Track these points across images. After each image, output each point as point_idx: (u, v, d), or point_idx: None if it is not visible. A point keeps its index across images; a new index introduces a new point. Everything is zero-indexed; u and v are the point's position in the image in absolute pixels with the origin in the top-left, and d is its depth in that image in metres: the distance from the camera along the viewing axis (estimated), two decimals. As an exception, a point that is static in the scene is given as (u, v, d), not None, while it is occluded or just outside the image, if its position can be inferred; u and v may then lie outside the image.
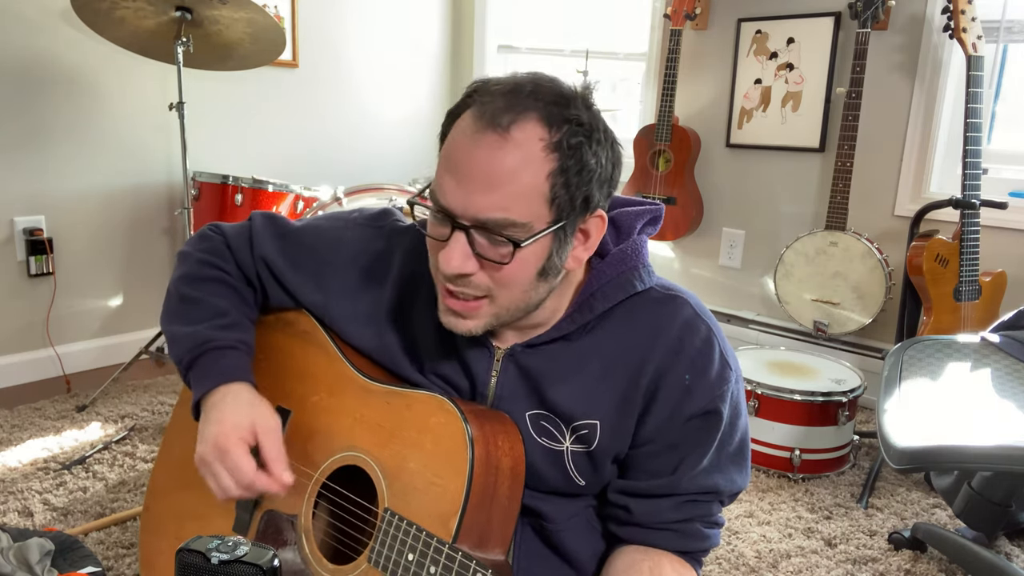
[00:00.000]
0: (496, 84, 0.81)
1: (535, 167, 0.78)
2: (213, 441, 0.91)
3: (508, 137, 0.77)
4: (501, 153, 0.77)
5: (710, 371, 0.90)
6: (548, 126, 0.78)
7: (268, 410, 0.97)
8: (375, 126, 3.45)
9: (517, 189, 0.78)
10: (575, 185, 0.80)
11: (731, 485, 0.94)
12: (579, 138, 0.79)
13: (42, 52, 2.44)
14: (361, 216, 1.07)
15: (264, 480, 0.92)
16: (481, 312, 0.86)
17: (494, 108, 0.78)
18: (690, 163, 3.01)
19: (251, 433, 0.93)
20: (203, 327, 1.01)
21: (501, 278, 0.83)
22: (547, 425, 0.93)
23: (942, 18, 2.31)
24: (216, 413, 0.94)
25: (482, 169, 0.78)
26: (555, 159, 0.78)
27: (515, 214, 0.79)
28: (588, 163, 0.80)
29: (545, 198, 0.79)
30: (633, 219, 0.96)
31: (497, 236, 0.79)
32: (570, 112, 0.79)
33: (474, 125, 0.79)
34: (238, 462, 0.90)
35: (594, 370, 0.91)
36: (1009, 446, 1.29)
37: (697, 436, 0.91)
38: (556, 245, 0.83)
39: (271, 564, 0.71)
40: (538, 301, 0.88)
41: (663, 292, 0.94)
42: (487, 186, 0.78)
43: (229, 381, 0.97)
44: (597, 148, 0.81)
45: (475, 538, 0.85)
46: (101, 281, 2.70)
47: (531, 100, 0.79)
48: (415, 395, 0.93)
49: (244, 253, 1.08)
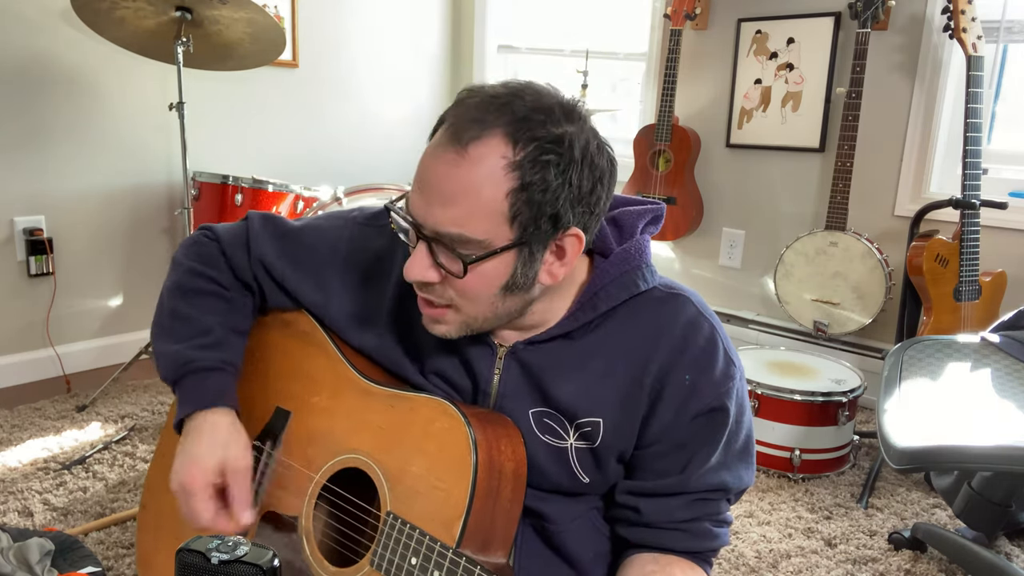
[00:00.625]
0: (475, 95, 0.81)
1: (493, 186, 0.78)
2: (180, 480, 0.93)
3: (465, 155, 0.77)
4: (457, 170, 0.78)
5: (714, 369, 0.90)
6: (513, 143, 0.77)
7: (241, 449, 0.96)
8: (375, 126, 3.45)
9: (473, 207, 0.78)
10: (539, 204, 0.79)
11: (739, 482, 0.95)
12: (548, 156, 0.78)
13: (42, 52, 2.44)
14: (361, 215, 1.07)
15: (223, 522, 0.94)
16: (448, 318, 0.88)
17: (461, 123, 0.79)
18: (690, 163, 3.01)
19: (218, 473, 0.94)
20: (186, 347, 1.01)
21: (460, 291, 0.84)
22: (551, 422, 0.93)
23: (942, 18, 2.31)
24: (191, 444, 0.95)
25: (439, 184, 0.79)
26: (516, 178, 0.78)
27: (471, 231, 0.79)
28: (552, 183, 0.79)
29: (504, 217, 0.79)
30: (635, 219, 0.96)
31: (451, 251, 0.81)
32: (542, 129, 0.78)
33: (441, 137, 0.80)
34: (197, 507, 0.93)
35: (597, 368, 0.91)
36: (1009, 446, 1.29)
37: (704, 434, 0.91)
38: (521, 263, 0.83)
39: (271, 564, 0.71)
40: (511, 312, 0.88)
41: (666, 291, 0.94)
42: (444, 201, 0.79)
43: (209, 407, 0.97)
44: (569, 167, 0.79)
45: (478, 542, 0.85)
46: (101, 281, 2.70)
47: (500, 115, 0.78)
48: (418, 398, 0.93)
49: (240, 257, 1.07)
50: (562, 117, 0.80)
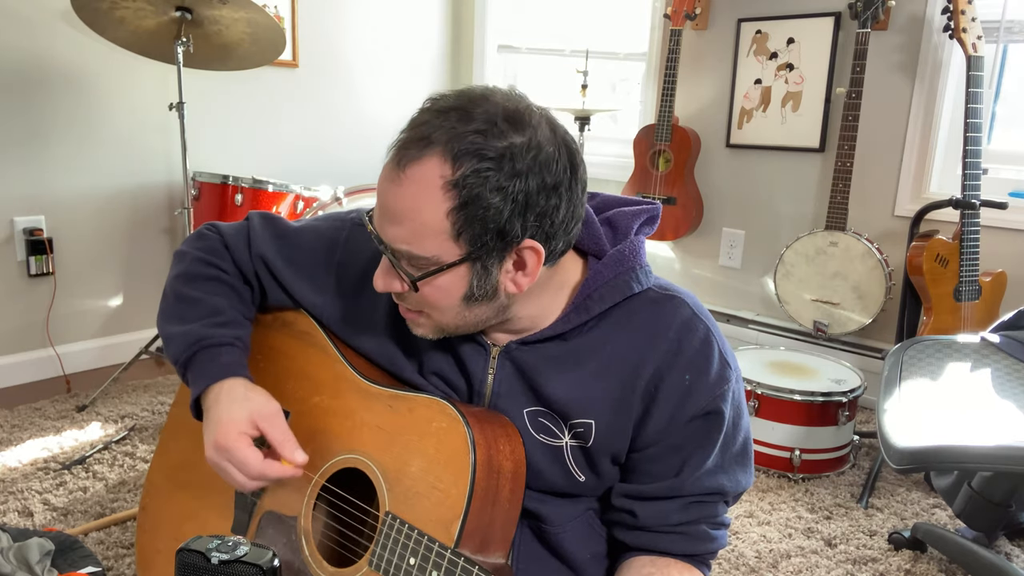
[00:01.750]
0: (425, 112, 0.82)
1: (432, 206, 0.79)
2: (215, 442, 0.92)
3: (404, 177, 0.79)
4: (399, 191, 0.80)
5: (710, 371, 0.89)
6: (452, 161, 0.77)
7: (264, 397, 0.97)
8: (375, 126, 3.45)
9: (416, 226, 0.80)
10: (482, 220, 0.79)
11: (736, 485, 0.94)
12: (487, 173, 0.77)
13: (42, 52, 2.44)
14: (358, 216, 1.07)
15: (275, 466, 0.92)
16: (421, 322, 0.90)
17: (404, 142, 0.81)
18: (690, 163, 3.01)
19: (250, 424, 0.93)
20: (197, 325, 1.01)
21: (423, 301, 0.86)
22: (545, 422, 0.93)
23: (942, 18, 2.31)
24: (214, 414, 0.95)
25: (387, 203, 0.82)
26: (453, 197, 0.78)
27: (417, 248, 0.81)
28: (490, 199, 0.78)
29: (448, 235, 0.80)
30: (630, 219, 0.95)
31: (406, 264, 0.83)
32: (484, 144, 0.77)
33: (388, 158, 0.82)
34: (242, 456, 0.91)
35: (590, 369, 0.91)
36: (1009, 446, 1.29)
37: (699, 437, 0.91)
38: (475, 276, 0.83)
39: (271, 564, 0.71)
40: (485, 318, 0.89)
41: (660, 292, 0.93)
42: (392, 219, 0.82)
43: (223, 378, 0.98)
44: (511, 181, 0.78)
45: (477, 542, 0.85)
46: (101, 281, 2.70)
47: (441, 132, 0.78)
48: (417, 398, 0.93)
49: (242, 252, 1.08)
50: (508, 128, 0.78)
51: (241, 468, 0.91)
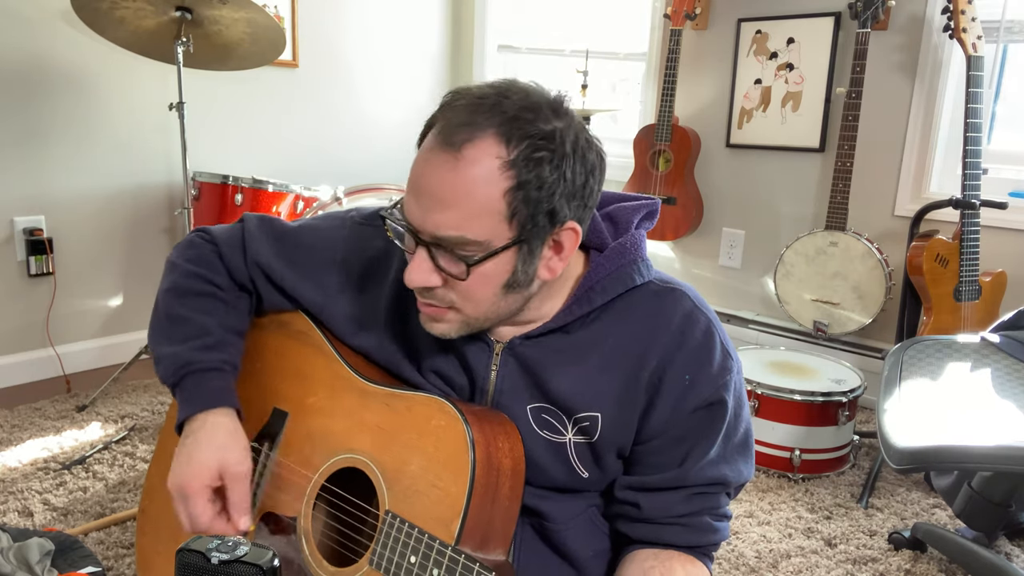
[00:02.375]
0: (462, 97, 0.81)
1: (490, 186, 0.78)
2: (179, 482, 0.93)
3: (460, 157, 0.77)
4: (453, 173, 0.77)
5: (712, 362, 0.90)
6: (506, 142, 0.77)
7: (240, 452, 0.95)
8: (375, 126, 3.45)
9: (471, 209, 0.78)
10: (536, 201, 0.79)
11: (738, 476, 0.95)
12: (541, 153, 0.78)
13: (42, 52, 2.44)
14: (359, 215, 1.07)
15: (220, 525, 0.93)
16: (448, 318, 0.87)
17: (451, 125, 0.78)
18: (690, 163, 3.01)
19: (216, 476, 0.93)
20: (185, 348, 1.00)
21: (462, 292, 0.84)
22: (549, 418, 0.93)
23: (942, 18, 2.31)
24: (190, 446, 0.94)
25: (435, 188, 0.78)
26: (512, 176, 0.78)
27: (470, 233, 0.79)
28: (548, 179, 0.79)
29: (503, 216, 0.79)
30: (630, 214, 0.96)
31: (452, 254, 0.80)
32: (533, 126, 0.78)
33: (432, 142, 0.80)
34: (196, 510, 0.92)
35: (594, 362, 0.91)
36: (1009, 446, 1.29)
37: (703, 427, 0.91)
38: (521, 260, 0.83)
39: (271, 564, 0.71)
40: (511, 310, 0.88)
41: (662, 285, 0.94)
42: (441, 205, 0.78)
43: (210, 407, 0.97)
44: (562, 162, 0.80)
45: (477, 540, 0.86)
46: (101, 281, 2.70)
47: (491, 115, 0.78)
48: (415, 397, 0.93)
49: (236, 259, 1.07)
50: (551, 114, 0.80)
51: (190, 519, 0.93)
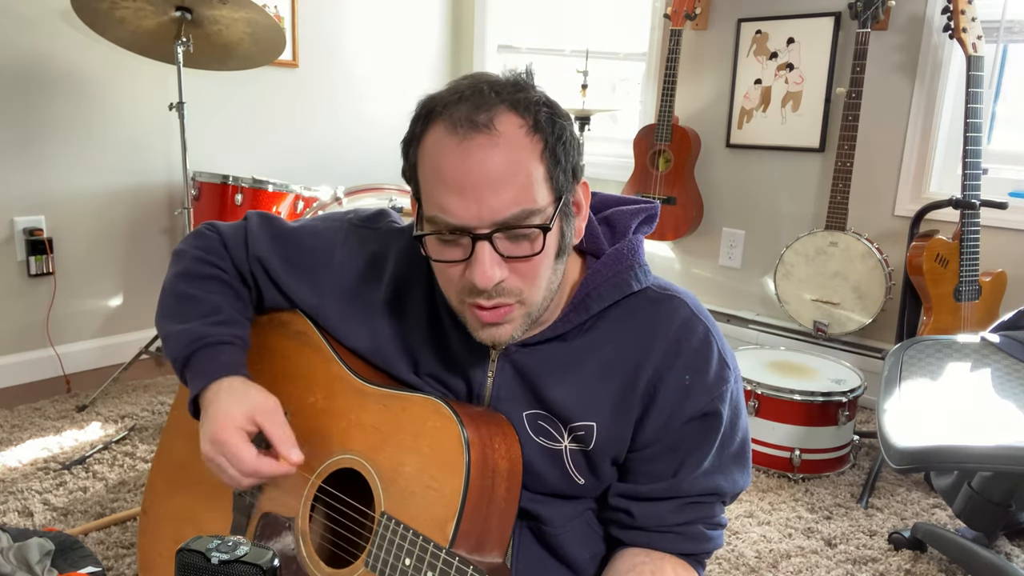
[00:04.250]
0: (450, 95, 0.81)
1: (527, 152, 0.78)
2: (211, 436, 0.91)
3: (495, 132, 0.77)
4: (496, 150, 0.77)
5: (708, 372, 0.89)
6: (520, 113, 0.79)
7: (262, 394, 0.96)
8: (375, 126, 3.45)
9: (522, 178, 0.78)
10: (564, 159, 0.81)
11: (733, 486, 0.94)
12: (549, 115, 0.81)
13: (42, 52, 2.44)
14: (357, 217, 1.07)
15: (270, 463, 0.91)
16: (515, 314, 0.84)
17: (466, 112, 0.78)
18: (690, 163, 3.01)
19: (248, 420, 0.93)
20: (197, 323, 1.01)
21: (530, 272, 0.82)
22: (545, 425, 0.93)
23: (942, 18, 2.30)
24: (213, 410, 0.94)
25: (484, 172, 0.77)
26: (540, 140, 0.79)
27: (530, 203, 0.78)
28: (565, 135, 0.82)
29: (545, 178, 0.80)
30: (628, 218, 0.95)
31: (522, 231, 0.79)
32: (530, 96, 0.80)
33: (455, 135, 0.78)
34: (236, 451, 0.90)
35: (591, 371, 0.91)
36: (1009, 446, 1.29)
37: (697, 438, 0.90)
38: (564, 221, 0.84)
39: (271, 564, 0.71)
40: (554, 289, 0.87)
41: (660, 292, 0.93)
42: (496, 187, 0.77)
43: (222, 376, 0.97)
44: (565, 121, 0.83)
45: (472, 542, 0.85)
46: (101, 281, 2.70)
47: (493, 95, 0.79)
48: (411, 398, 0.93)
49: (239, 252, 1.08)
50: (531, 86, 0.83)
51: (235, 463, 0.91)
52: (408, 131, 0.84)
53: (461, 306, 0.85)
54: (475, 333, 0.86)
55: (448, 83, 0.83)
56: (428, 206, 0.81)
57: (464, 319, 0.87)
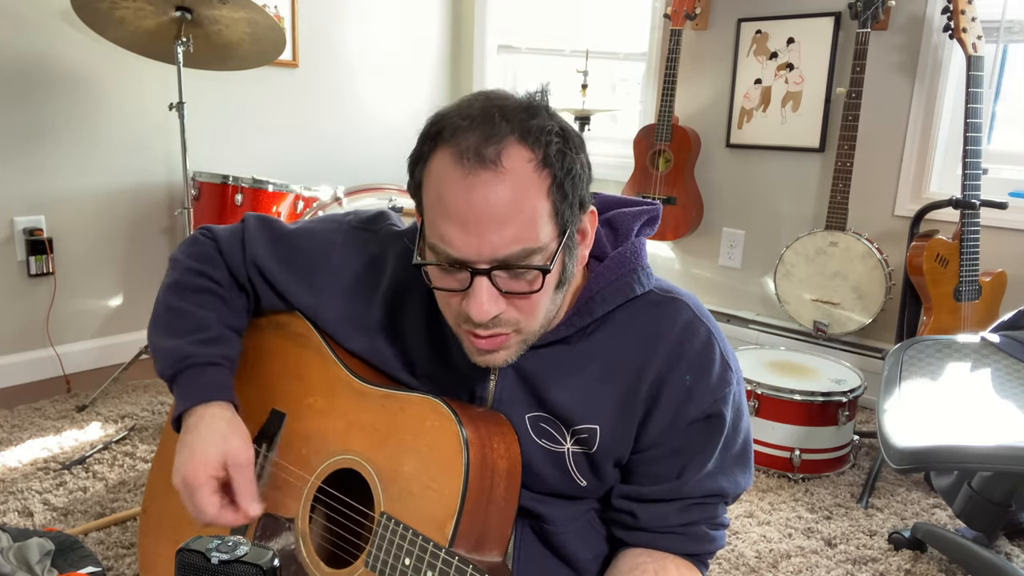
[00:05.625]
0: (461, 118, 0.78)
1: (534, 189, 0.76)
2: (183, 475, 0.92)
3: (501, 169, 0.75)
4: (501, 188, 0.75)
5: (711, 374, 0.89)
6: (530, 145, 0.76)
7: (240, 440, 0.95)
8: (375, 126, 3.45)
9: (526, 216, 0.76)
10: (571, 193, 0.79)
11: (736, 487, 0.94)
12: (559, 146, 0.78)
13: (42, 52, 2.44)
14: (355, 219, 1.06)
15: (228, 516, 0.92)
16: (510, 342, 0.84)
17: (473, 143, 0.75)
18: (690, 163, 3.01)
19: (221, 466, 0.93)
20: (184, 342, 1.00)
21: (528, 307, 0.81)
22: (547, 427, 0.93)
23: (942, 18, 2.30)
24: (190, 440, 0.94)
25: (487, 209, 0.75)
26: (548, 175, 0.77)
27: (532, 241, 0.77)
28: (575, 168, 0.79)
29: (550, 215, 0.78)
30: (631, 220, 0.95)
31: (520, 269, 0.78)
32: (542, 123, 0.77)
33: (461, 167, 0.75)
34: (202, 503, 0.91)
35: (593, 374, 0.90)
36: (1009, 446, 1.29)
37: (700, 440, 0.91)
38: (567, 254, 0.82)
39: (271, 564, 0.71)
40: (554, 314, 0.87)
41: (662, 295, 0.93)
42: (498, 224, 0.75)
43: (208, 400, 0.97)
44: (577, 151, 0.80)
45: (472, 541, 0.85)
46: (101, 281, 2.70)
47: (504, 124, 0.76)
48: (410, 398, 0.93)
49: (236, 257, 1.08)
50: (543, 111, 0.80)
51: (197, 511, 0.91)
52: (416, 148, 0.82)
53: (458, 329, 0.85)
54: (471, 356, 0.87)
55: (460, 99, 0.81)
56: (430, 232, 0.80)
57: (461, 341, 0.87)
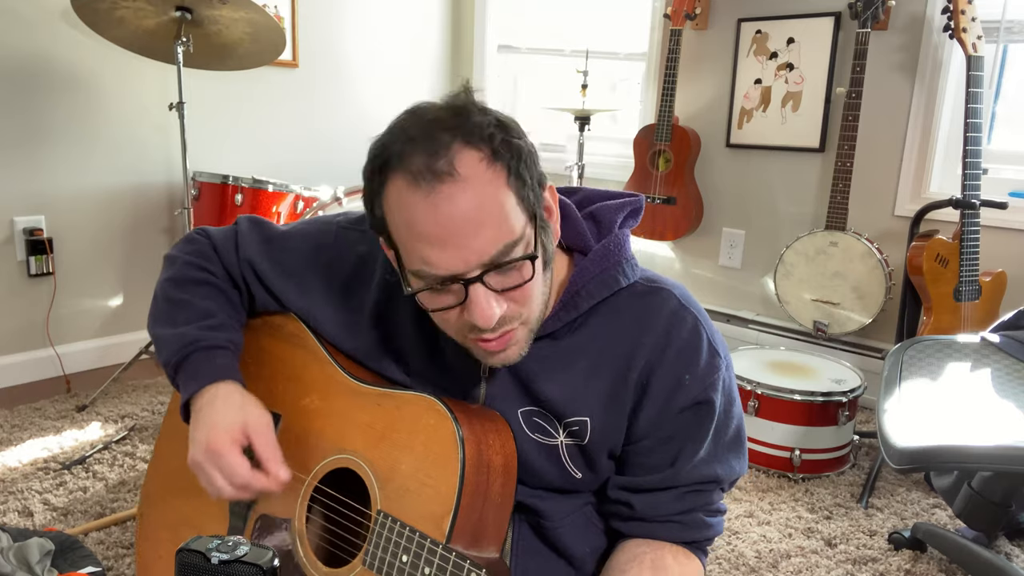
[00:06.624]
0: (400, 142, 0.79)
1: (494, 185, 0.77)
2: (205, 444, 0.91)
3: (459, 176, 0.75)
4: (464, 196, 0.75)
5: (699, 361, 0.90)
6: (473, 145, 0.77)
7: (258, 409, 0.96)
8: (375, 126, 3.37)
9: (496, 214, 0.77)
10: (528, 176, 0.80)
11: (730, 472, 0.94)
12: (501, 137, 0.78)
13: (42, 52, 2.44)
14: (346, 219, 1.07)
15: (260, 479, 0.91)
16: (517, 337, 0.84)
17: (423, 162, 0.76)
18: (690, 163, 3.01)
19: (243, 434, 0.93)
20: (190, 328, 1.01)
21: (524, 297, 0.82)
22: (540, 421, 0.93)
23: (942, 18, 2.30)
24: (206, 415, 0.94)
25: (459, 219, 0.76)
26: (502, 167, 0.78)
27: (509, 236, 0.78)
28: (523, 152, 0.80)
29: (516, 204, 0.79)
30: (613, 213, 0.95)
31: (510, 264, 0.79)
32: (475, 123, 0.78)
33: (418, 188, 0.76)
34: (232, 464, 0.90)
35: (582, 367, 0.91)
36: (1009, 446, 1.29)
37: (691, 427, 0.91)
38: (544, 234, 0.83)
39: (271, 564, 0.71)
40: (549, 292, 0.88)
41: (647, 285, 0.94)
42: (474, 229, 0.76)
43: (217, 381, 0.97)
44: (518, 136, 0.81)
45: (468, 537, 0.86)
46: (101, 281, 2.70)
47: (444, 134, 0.77)
48: (405, 396, 0.93)
49: (230, 256, 1.08)
50: (472, 108, 0.80)
51: (228, 475, 0.90)
52: (367, 186, 0.83)
53: (465, 341, 0.85)
54: (485, 360, 0.87)
55: (390, 124, 0.82)
56: (410, 261, 0.80)
57: (469, 350, 0.87)
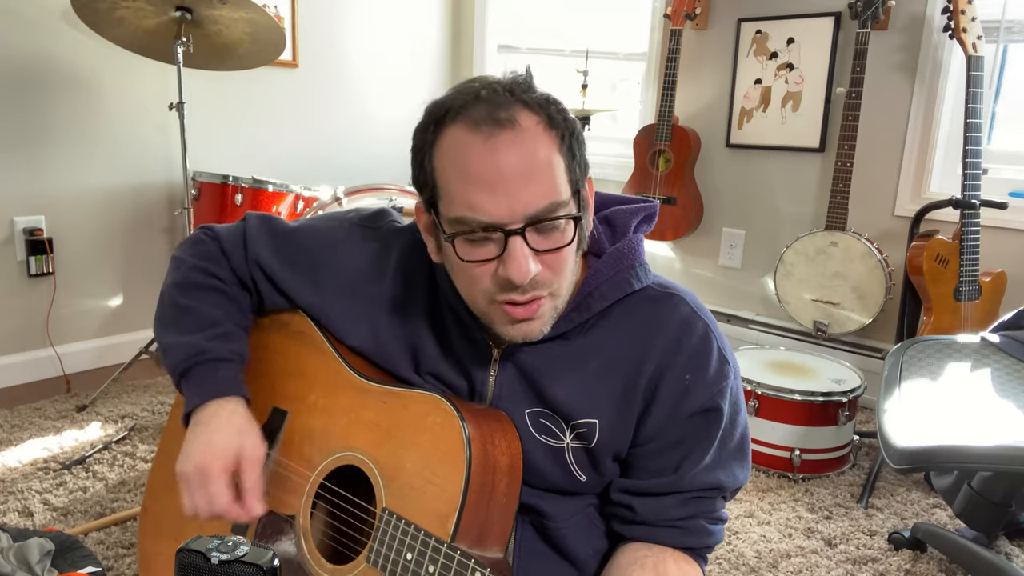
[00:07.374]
0: (463, 97, 0.81)
1: (548, 146, 0.80)
2: (197, 463, 0.91)
3: (520, 127, 0.78)
4: (523, 146, 0.78)
5: (708, 368, 0.90)
6: (535, 110, 0.80)
7: (254, 438, 0.96)
8: (375, 126, 3.46)
9: (548, 171, 0.79)
10: (578, 152, 0.83)
11: (734, 480, 0.95)
12: (558, 112, 0.82)
13: (42, 52, 2.44)
14: (357, 216, 1.07)
15: (235, 511, 0.92)
16: (544, 308, 0.84)
17: (486, 111, 0.78)
18: (690, 163, 3.01)
19: (235, 461, 0.93)
20: (197, 337, 1.01)
21: (559, 264, 0.82)
22: (547, 423, 0.93)
23: (942, 18, 2.31)
24: (205, 431, 0.94)
25: (514, 167, 0.77)
26: (556, 134, 0.81)
27: (557, 195, 0.79)
28: (575, 129, 0.83)
29: (564, 171, 0.81)
30: (628, 217, 0.96)
31: (552, 222, 0.80)
32: (537, 95, 0.81)
33: (479, 133, 0.78)
34: (216, 492, 0.91)
35: (592, 369, 0.91)
36: (1009, 446, 1.29)
37: (698, 433, 0.91)
38: (583, 213, 0.85)
39: (271, 564, 0.71)
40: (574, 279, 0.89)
41: (660, 290, 0.94)
42: (526, 180, 0.77)
43: (222, 396, 0.97)
44: (571, 117, 0.84)
45: (473, 536, 0.86)
46: (101, 281, 2.70)
47: (507, 94, 0.80)
48: (412, 394, 0.93)
49: (238, 256, 1.08)
50: (533, 86, 0.83)
51: (208, 499, 0.91)
52: (418, 139, 0.84)
53: (490, 306, 0.84)
54: (504, 330, 0.86)
55: (452, 88, 0.83)
56: (454, 208, 0.80)
57: (491, 319, 0.86)
